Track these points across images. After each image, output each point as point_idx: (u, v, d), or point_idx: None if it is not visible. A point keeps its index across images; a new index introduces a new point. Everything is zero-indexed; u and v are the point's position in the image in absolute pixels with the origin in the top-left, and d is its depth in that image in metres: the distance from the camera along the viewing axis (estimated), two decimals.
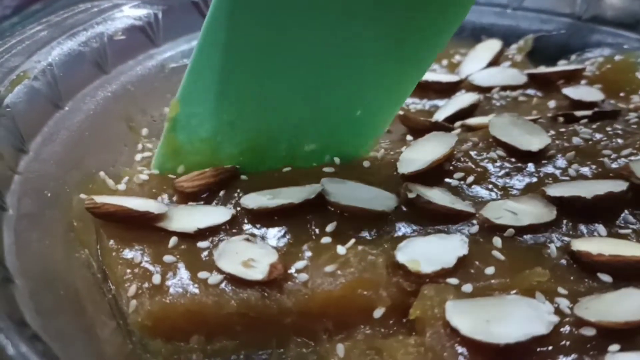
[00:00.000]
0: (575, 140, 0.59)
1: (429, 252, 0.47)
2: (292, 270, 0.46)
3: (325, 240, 0.48)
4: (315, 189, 0.51)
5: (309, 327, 0.46)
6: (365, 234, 0.49)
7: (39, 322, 0.36)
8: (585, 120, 0.63)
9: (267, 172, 0.55)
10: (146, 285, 0.46)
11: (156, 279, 0.46)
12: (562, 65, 0.77)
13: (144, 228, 0.49)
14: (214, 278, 0.46)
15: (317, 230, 0.49)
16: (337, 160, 0.58)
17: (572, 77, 0.73)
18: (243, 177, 0.54)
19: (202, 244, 0.49)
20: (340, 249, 0.47)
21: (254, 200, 0.51)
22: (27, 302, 0.38)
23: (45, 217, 0.49)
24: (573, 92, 0.68)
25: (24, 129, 0.53)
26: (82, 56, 0.63)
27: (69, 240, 0.49)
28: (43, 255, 0.45)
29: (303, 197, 0.50)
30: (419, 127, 0.64)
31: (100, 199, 0.49)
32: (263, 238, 0.49)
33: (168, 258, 0.47)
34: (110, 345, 0.41)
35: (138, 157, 0.61)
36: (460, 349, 0.40)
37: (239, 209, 0.51)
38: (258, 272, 0.45)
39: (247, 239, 0.48)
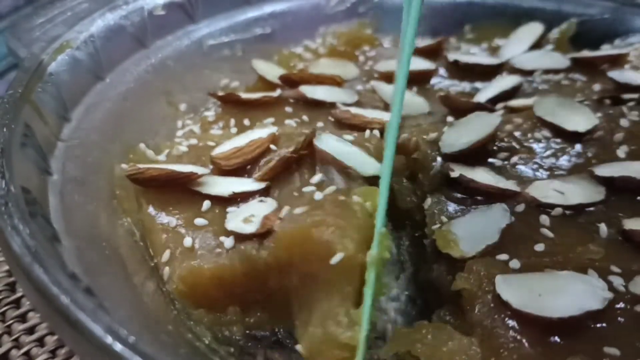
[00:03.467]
0: (623, 122, 0.57)
1: (470, 229, 0.46)
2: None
3: (308, 189, 0.47)
4: (305, 135, 0.51)
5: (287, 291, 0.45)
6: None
7: (87, 280, 0.35)
8: (632, 103, 0.61)
9: (295, 142, 0.53)
10: (178, 249, 0.45)
11: (187, 242, 0.45)
12: (605, 50, 0.75)
13: (181, 192, 0.49)
14: (228, 241, 0.45)
15: (305, 180, 0.49)
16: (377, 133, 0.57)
17: (616, 62, 0.71)
18: (272, 147, 0.53)
19: (230, 209, 0.48)
20: (318, 195, 0.46)
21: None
22: (74, 261, 0.37)
23: (89, 183, 0.49)
24: (619, 75, 0.66)
25: (67, 97, 0.53)
26: (122, 29, 0.63)
27: (113, 207, 0.49)
28: (88, 219, 0.45)
29: (294, 146, 0.50)
30: (461, 108, 0.62)
31: (143, 165, 0.49)
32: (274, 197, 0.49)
33: (199, 221, 0.47)
34: (155, 308, 0.41)
35: (179, 133, 0.61)
36: (511, 323, 0.39)
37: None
38: (252, 226, 0.44)
39: (261, 200, 0.48)
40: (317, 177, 0.49)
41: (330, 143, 0.51)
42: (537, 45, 0.77)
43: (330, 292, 0.41)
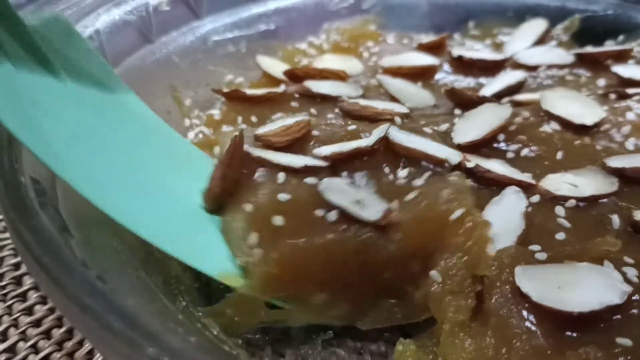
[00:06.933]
0: (630, 115, 0.57)
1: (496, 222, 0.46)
2: None
3: (401, 181, 0.48)
4: (384, 128, 0.51)
5: (398, 280, 0.45)
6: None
7: (97, 270, 0.35)
8: (638, 97, 0.61)
9: (334, 129, 0.54)
10: (269, 229, 0.44)
11: (277, 221, 0.44)
12: (609, 46, 0.76)
13: (243, 177, 0.48)
14: (332, 214, 0.45)
15: (391, 177, 0.49)
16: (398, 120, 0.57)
17: (620, 57, 0.71)
18: (314, 132, 0.53)
19: (309, 180, 0.47)
20: (418, 181, 0.47)
21: (327, 149, 0.50)
22: (83, 251, 0.37)
23: None
24: (623, 70, 0.67)
25: None
26: (127, 25, 0.63)
27: None
28: (96, 212, 0.44)
29: (374, 139, 0.50)
30: (467, 102, 0.62)
31: None
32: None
33: (283, 196, 0.46)
34: (164, 298, 0.41)
35: (191, 134, 0.62)
36: (528, 315, 0.39)
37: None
38: (372, 214, 0.44)
39: (352, 183, 0.48)
40: (404, 171, 0.49)
41: (400, 137, 0.51)
42: (541, 41, 0.77)
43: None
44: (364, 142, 0.50)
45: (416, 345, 0.44)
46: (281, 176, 0.47)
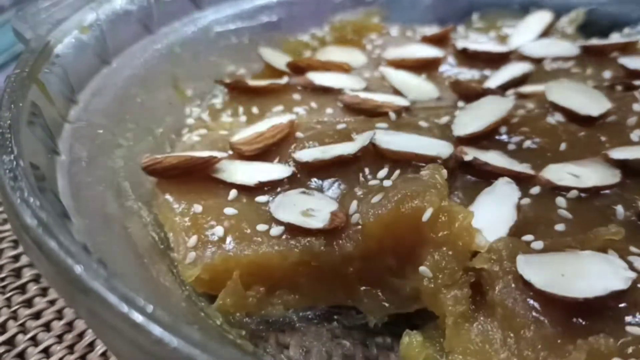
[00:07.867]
0: (636, 106, 0.57)
1: (485, 214, 0.45)
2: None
3: (374, 182, 0.48)
4: (368, 136, 0.50)
5: (373, 272, 0.45)
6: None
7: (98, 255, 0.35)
8: None
9: (321, 130, 0.54)
10: (208, 236, 0.45)
11: (218, 231, 0.45)
12: (615, 38, 0.75)
13: (202, 181, 0.49)
14: (276, 230, 0.45)
15: (369, 177, 0.48)
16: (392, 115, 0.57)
17: (626, 50, 0.70)
18: (298, 134, 0.53)
19: (260, 199, 0.48)
20: (387, 182, 0.47)
21: (308, 154, 0.50)
22: (83, 237, 0.36)
23: (97, 165, 0.48)
24: (630, 62, 0.66)
25: (73, 80, 0.52)
26: (129, 14, 0.62)
27: (121, 189, 0.48)
28: (96, 199, 0.44)
29: (357, 147, 0.49)
30: (471, 94, 0.62)
31: (160, 155, 0.49)
32: (320, 191, 0.48)
33: (229, 210, 0.46)
34: (167, 286, 0.40)
35: (189, 121, 0.61)
36: (533, 303, 0.38)
37: (296, 165, 0.50)
38: (319, 221, 0.44)
39: (304, 192, 0.47)
40: (383, 172, 0.48)
41: (387, 139, 0.50)
42: (546, 33, 0.76)
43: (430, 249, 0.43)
44: (348, 148, 0.50)
45: (422, 336, 0.43)
46: (232, 193, 0.48)
